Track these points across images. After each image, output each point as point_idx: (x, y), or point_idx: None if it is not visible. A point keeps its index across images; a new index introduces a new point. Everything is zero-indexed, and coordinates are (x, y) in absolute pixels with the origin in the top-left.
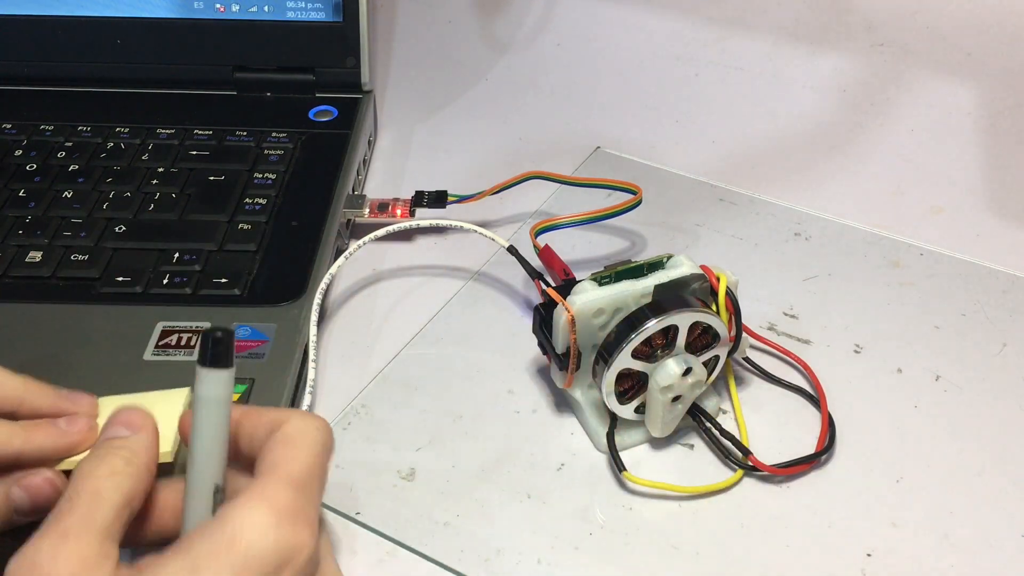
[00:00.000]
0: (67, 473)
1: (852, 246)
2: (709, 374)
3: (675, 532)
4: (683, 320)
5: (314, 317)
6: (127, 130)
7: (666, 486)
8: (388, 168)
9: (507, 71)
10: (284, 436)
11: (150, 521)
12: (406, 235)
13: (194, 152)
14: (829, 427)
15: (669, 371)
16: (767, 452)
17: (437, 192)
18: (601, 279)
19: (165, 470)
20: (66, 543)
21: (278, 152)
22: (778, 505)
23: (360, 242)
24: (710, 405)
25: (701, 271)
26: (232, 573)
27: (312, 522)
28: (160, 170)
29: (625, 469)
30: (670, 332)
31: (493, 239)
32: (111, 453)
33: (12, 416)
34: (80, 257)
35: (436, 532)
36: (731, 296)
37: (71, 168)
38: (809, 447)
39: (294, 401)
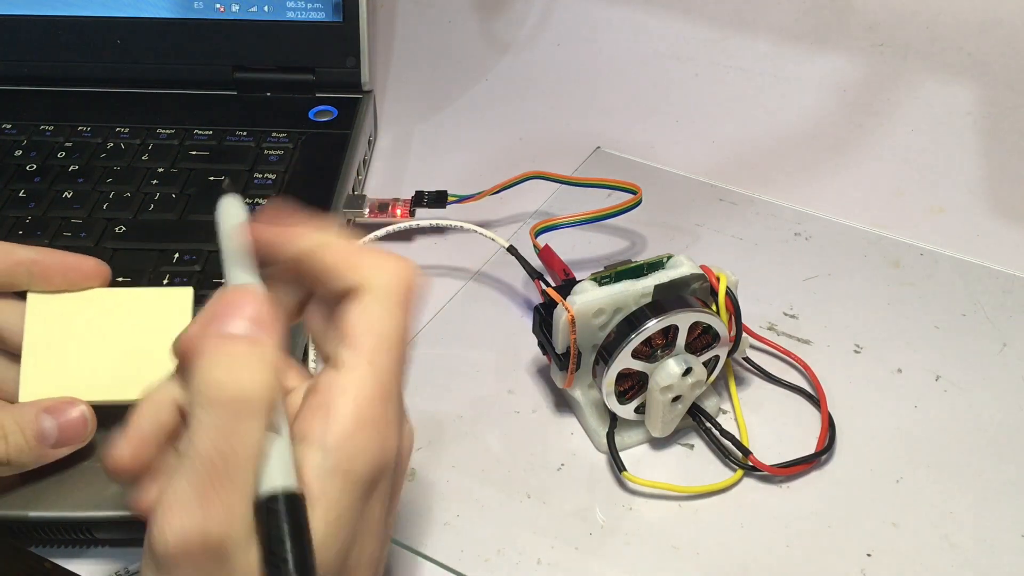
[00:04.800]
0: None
1: (852, 246)
2: (709, 374)
3: (675, 532)
4: (683, 320)
5: None
6: (127, 130)
7: (666, 486)
8: (388, 168)
9: (507, 71)
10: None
11: None
12: (406, 235)
13: (194, 152)
14: (829, 427)
15: (669, 371)
16: (767, 452)
17: (437, 192)
18: (601, 279)
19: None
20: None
21: (278, 152)
22: (778, 505)
23: (360, 242)
24: (710, 405)
25: (701, 271)
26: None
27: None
28: (160, 170)
29: (625, 469)
30: (670, 332)
31: (493, 239)
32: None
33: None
34: None
35: (436, 532)
36: (731, 296)
37: (71, 168)
38: (809, 447)
39: None
